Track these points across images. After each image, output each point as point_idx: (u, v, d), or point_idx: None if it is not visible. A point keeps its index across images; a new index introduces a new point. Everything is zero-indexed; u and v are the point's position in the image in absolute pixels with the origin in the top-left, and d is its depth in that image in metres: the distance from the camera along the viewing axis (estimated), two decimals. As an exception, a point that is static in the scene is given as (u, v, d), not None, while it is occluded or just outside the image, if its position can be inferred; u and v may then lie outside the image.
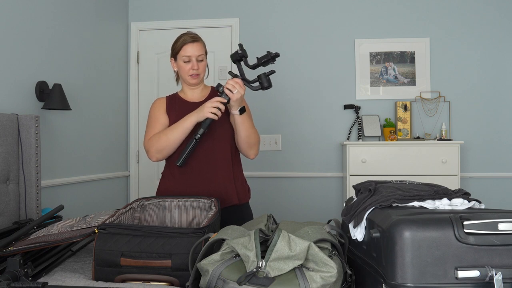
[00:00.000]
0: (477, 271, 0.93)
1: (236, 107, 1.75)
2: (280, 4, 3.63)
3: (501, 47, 3.44)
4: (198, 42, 1.86)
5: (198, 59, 1.85)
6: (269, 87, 1.72)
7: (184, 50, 1.84)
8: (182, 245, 1.24)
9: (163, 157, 1.83)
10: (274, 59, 1.69)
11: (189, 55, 1.84)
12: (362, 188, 1.34)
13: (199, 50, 1.85)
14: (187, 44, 1.84)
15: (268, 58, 1.68)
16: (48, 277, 1.30)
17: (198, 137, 1.75)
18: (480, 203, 1.19)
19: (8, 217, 1.96)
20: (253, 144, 1.87)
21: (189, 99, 1.93)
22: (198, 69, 1.86)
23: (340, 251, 1.15)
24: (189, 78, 1.87)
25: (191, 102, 1.92)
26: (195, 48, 1.84)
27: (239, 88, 1.69)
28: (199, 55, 1.85)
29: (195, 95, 1.95)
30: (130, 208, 1.60)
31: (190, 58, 1.84)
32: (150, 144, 1.82)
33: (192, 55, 1.84)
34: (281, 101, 3.58)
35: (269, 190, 3.60)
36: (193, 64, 1.85)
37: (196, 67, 1.85)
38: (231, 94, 1.70)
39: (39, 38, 2.50)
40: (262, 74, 1.71)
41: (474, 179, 3.43)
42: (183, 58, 1.85)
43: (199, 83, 1.91)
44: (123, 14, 3.64)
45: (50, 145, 2.61)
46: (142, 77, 3.73)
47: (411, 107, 3.46)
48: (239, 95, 1.69)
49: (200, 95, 1.95)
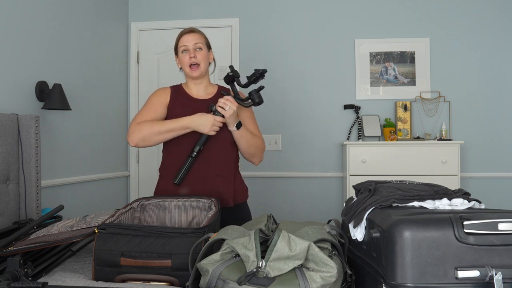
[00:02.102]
0: (477, 271, 0.93)
1: (232, 123, 1.79)
2: (280, 4, 3.63)
3: (501, 47, 3.44)
4: (195, 33, 1.88)
5: (196, 47, 1.85)
6: (260, 102, 1.78)
7: (181, 41, 1.86)
8: (182, 245, 1.24)
9: (143, 146, 1.78)
10: (262, 75, 1.75)
11: (185, 44, 1.85)
12: (362, 188, 1.34)
13: (196, 39, 1.86)
14: (184, 35, 1.87)
15: (256, 75, 1.75)
16: (48, 277, 1.30)
17: (195, 155, 1.79)
18: (480, 203, 1.19)
19: (8, 217, 1.96)
20: (255, 153, 1.91)
21: (194, 95, 1.91)
22: (196, 57, 1.85)
23: (340, 251, 1.15)
24: (189, 70, 1.86)
25: (197, 98, 1.90)
26: (192, 37, 1.85)
27: (231, 104, 1.74)
28: (195, 43, 1.85)
29: (200, 91, 1.92)
30: (130, 208, 1.60)
31: (187, 47, 1.85)
32: (137, 129, 1.74)
33: (188, 44, 1.84)
34: (281, 101, 3.58)
35: (269, 190, 3.60)
36: (190, 52, 1.84)
37: (193, 55, 1.84)
38: (224, 112, 1.75)
39: (39, 38, 2.50)
40: (253, 91, 1.77)
41: (474, 179, 3.43)
42: (181, 49, 1.86)
43: (200, 75, 1.88)
44: (123, 14, 3.64)
45: (50, 145, 2.61)
46: (142, 77, 3.73)
47: (411, 107, 3.46)
48: (231, 111, 1.74)
49: (205, 92, 1.93)
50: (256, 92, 1.77)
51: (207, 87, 1.94)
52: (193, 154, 1.78)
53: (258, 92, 1.77)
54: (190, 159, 1.78)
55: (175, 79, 2.21)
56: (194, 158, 1.79)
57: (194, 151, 1.78)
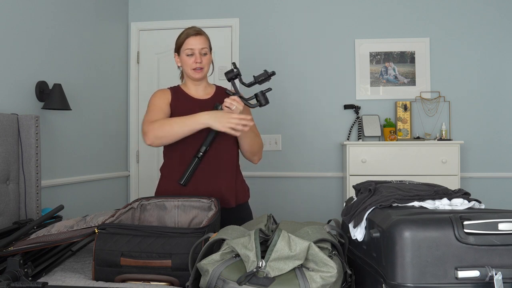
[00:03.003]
0: (477, 271, 0.93)
1: None
2: (280, 4, 3.63)
3: (501, 47, 3.44)
4: (202, 36, 1.84)
5: (202, 52, 1.83)
6: (267, 103, 1.75)
7: (187, 43, 1.82)
8: (182, 245, 1.24)
9: (158, 144, 1.75)
10: (270, 77, 1.73)
11: (192, 47, 1.82)
12: (362, 188, 1.34)
13: (203, 43, 1.83)
14: (190, 37, 1.82)
15: (265, 76, 1.73)
16: (48, 277, 1.30)
17: (201, 155, 1.76)
18: (480, 203, 1.19)
19: (8, 217, 1.96)
20: (256, 151, 1.92)
21: (193, 95, 1.91)
22: (202, 62, 1.83)
23: (340, 251, 1.15)
24: (192, 72, 1.85)
25: (197, 98, 1.90)
26: (198, 41, 1.82)
27: (237, 104, 1.72)
28: (202, 48, 1.83)
29: (199, 91, 1.92)
30: (130, 208, 1.60)
31: (193, 51, 1.82)
32: (150, 128, 1.72)
33: (195, 47, 1.82)
34: (281, 101, 3.58)
35: (269, 190, 3.60)
36: (196, 57, 1.82)
37: (199, 60, 1.82)
38: (230, 111, 1.72)
39: (39, 38, 2.50)
40: (259, 92, 1.75)
41: (474, 179, 3.43)
42: (186, 51, 1.83)
43: (203, 77, 1.88)
44: (123, 14, 3.64)
45: (50, 145, 2.61)
46: (142, 77, 3.73)
47: (411, 107, 3.46)
48: (238, 110, 1.72)
49: (204, 92, 1.93)
50: (263, 94, 1.75)
51: (206, 87, 1.94)
52: (199, 154, 1.76)
53: (265, 94, 1.75)
54: (196, 159, 1.77)
55: (175, 79, 2.21)
56: (200, 159, 1.77)
57: (200, 151, 1.76)
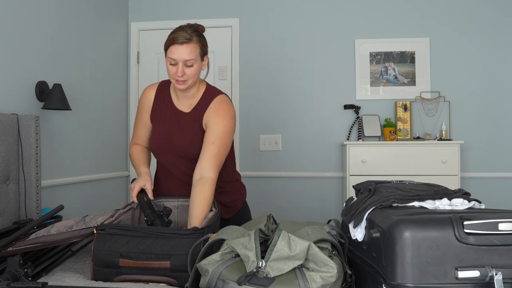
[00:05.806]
0: (477, 271, 0.92)
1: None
2: (280, 4, 3.62)
3: (501, 47, 3.44)
4: (189, 44, 1.57)
5: (187, 64, 1.58)
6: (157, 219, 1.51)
7: (171, 51, 1.58)
8: (181, 246, 1.24)
9: None
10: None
11: (174, 58, 1.58)
12: (362, 188, 1.34)
13: (189, 53, 1.57)
14: (175, 45, 1.57)
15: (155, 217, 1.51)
16: (48, 277, 1.30)
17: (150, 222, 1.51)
18: (480, 203, 1.19)
19: (8, 217, 1.95)
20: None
21: (175, 103, 1.74)
22: (183, 75, 1.59)
23: (340, 251, 1.15)
24: (175, 83, 1.63)
25: (177, 109, 1.73)
26: (184, 50, 1.56)
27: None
28: (187, 60, 1.58)
29: (183, 101, 1.73)
30: (129, 208, 1.60)
31: (176, 62, 1.58)
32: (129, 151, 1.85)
33: (178, 58, 1.57)
34: (281, 101, 3.58)
35: (269, 190, 3.59)
36: (178, 69, 1.58)
37: (181, 73, 1.59)
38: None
39: (39, 38, 2.50)
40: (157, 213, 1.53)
41: (474, 179, 3.43)
42: (169, 59, 1.60)
43: (186, 89, 1.66)
44: (123, 14, 3.63)
45: (50, 145, 2.61)
46: (142, 77, 3.72)
47: (411, 107, 3.46)
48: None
49: (188, 103, 1.72)
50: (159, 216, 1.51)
51: (192, 97, 1.72)
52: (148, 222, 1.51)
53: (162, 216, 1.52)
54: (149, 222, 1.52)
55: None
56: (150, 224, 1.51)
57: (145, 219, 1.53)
